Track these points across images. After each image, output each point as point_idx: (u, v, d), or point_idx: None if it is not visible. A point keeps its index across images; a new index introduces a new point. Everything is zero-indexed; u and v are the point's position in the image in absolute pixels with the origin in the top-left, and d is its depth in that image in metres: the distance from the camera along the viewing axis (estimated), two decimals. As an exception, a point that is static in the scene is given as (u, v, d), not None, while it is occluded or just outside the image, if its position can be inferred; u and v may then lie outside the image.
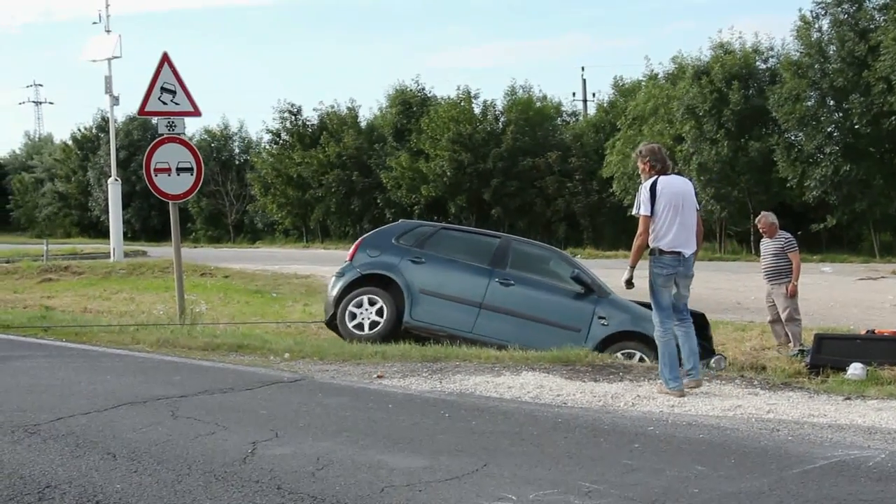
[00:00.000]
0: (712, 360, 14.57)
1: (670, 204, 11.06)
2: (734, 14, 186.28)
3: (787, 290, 14.49)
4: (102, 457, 8.63)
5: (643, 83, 54.03)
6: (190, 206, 67.04)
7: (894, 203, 41.53)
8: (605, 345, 14.71)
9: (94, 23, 42.72)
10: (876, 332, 13.47)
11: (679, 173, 12.35)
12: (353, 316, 15.35)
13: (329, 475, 7.82)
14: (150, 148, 17.54)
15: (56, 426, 9.81)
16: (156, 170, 16.92)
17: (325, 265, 33.33)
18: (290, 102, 68.66)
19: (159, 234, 67.48)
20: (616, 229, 52.43)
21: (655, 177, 11.21)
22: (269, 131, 69.98)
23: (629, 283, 11.61)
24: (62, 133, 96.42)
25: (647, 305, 14.31)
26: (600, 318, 14.96)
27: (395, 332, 15.32)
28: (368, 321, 15.31)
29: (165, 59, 17.50)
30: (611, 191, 50.69)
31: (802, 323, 14.59)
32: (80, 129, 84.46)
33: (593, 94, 69.99)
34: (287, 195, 64.05)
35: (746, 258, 40.88)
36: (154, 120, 18.25)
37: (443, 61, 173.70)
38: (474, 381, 11.79)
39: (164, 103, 17.30)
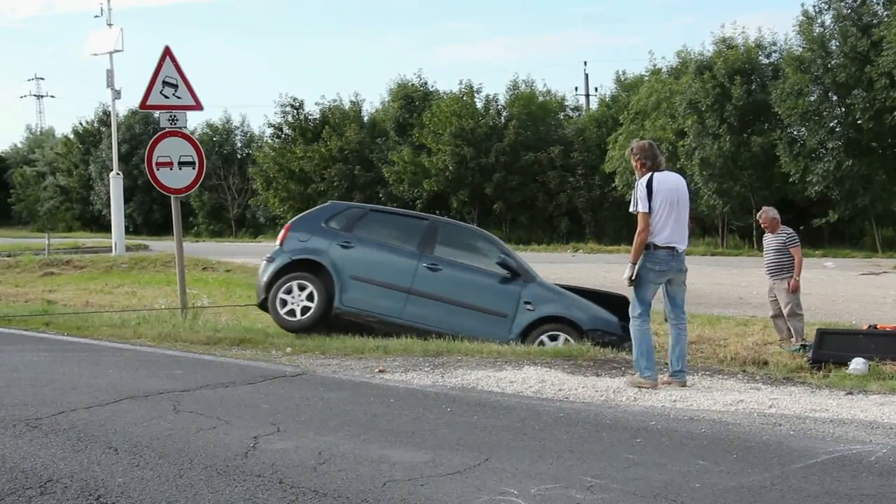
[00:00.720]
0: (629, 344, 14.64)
1: (666, 200, 11.12)
2: (737, 9, 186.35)
3: (789, 285, 14.49)
4: (104, 451, 8.63)
5: (646, 78, 54.09)
6: (192, 201, 67.17)
7: (896, 199, 41.47)
8: (530, 329, 14.82)
9: (96, 16, 42.89)
10: (878, 327, 13.48)
11: (671, 169, 12.35)
12: (284, 303, 15.32)
13: (331, 469, 7.82)
14: (151, 142, 17.56)
15: (58, 420, 9.81)
16: (158, 164, 16.93)
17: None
18: (292, 97, 68.83)
19: (161, 228, 67.56)
20: (618, 224, 52.41)
21: (650, 173, 11.25)
22: (270, 125, 70.17)
23: (631, 281, 11.38)
24: (64, 127, 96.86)
25: (573, 289, 15.12)
26: (526, 303, 14.95)
27: (327, 318, 15.34)
28: (300, 307, 15.26)
29: (167, 52, 17.52)
30: (613, 185, 50.72)
31: (804, 318, 14.58)
32: (81, 123, 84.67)
33: (595, 89, 70.24)
34: (289, 189, 64.08)
35: (748, 253, 40.92)
36: (156, 114, 18.25)
37: (445, 56, 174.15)
38: (476, 376, 11.79)
39: (166, 97, 17.31)
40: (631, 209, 11.41)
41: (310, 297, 15.15)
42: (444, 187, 57.26)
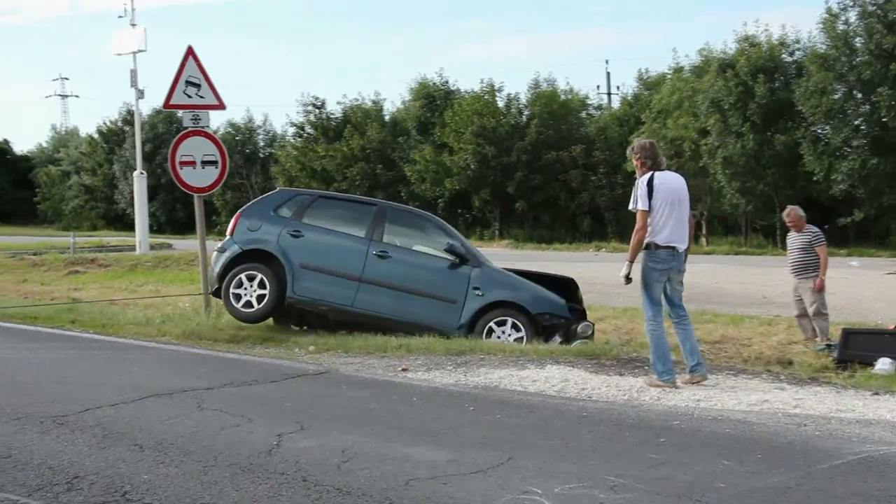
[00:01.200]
0: (580, 326, 14.82)
1: (666, 200, 11.20)
2: (760, 7, 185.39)
3: (814, 284, 14.44)
4: (129, 448, 8.67)
5: (668, 76, 53.96)
6: (215, 199, 67.07)
7: (923, 198, 41.22)
8: (480, 314, 14.83)
9: (120, 17, 42.96)
10: (904, 326, 13.41)
11: (684, 169, 12.44)
12: (238, 297, 15.21)
13: (354, 467, 7.83)
14: (175, 141, 17.61)
15: (83, 417, 9.85)
16: (181, 163, 16.98)
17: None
18: (314, 96, 68.79)
19: (184, 226, 67.57)
20: (639, 222, 52.26)
21: (650, 173, 11.36)
22: (292, 124, 70.18)
23: (628, 279, 11.49)
24: (88, 126, 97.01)
25: (522, 274, 15.24)
26: (475, 288, 14.96)
27: (279, 306, 15.35)
28: (255, 297, 15.12)
29: (190, 52, 17.56)
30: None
31: (829, 317, 14.52)
32: (105, 123, 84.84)
33: (618, 87, 70.10)
34: (311, 188, 64.06)
35: (773, 252, 40.79)
36: (179, 113, 18.29)
37: (466, 55, 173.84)
38: (499, 375, 11.78)
39: (189, 97, 17.35)
40: (630, 207, 11.55)
41: (262, 287, 15.07)
42: (465, 186, 57.18)
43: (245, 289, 15.12)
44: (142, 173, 23.70)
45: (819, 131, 43.05)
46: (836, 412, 9.73)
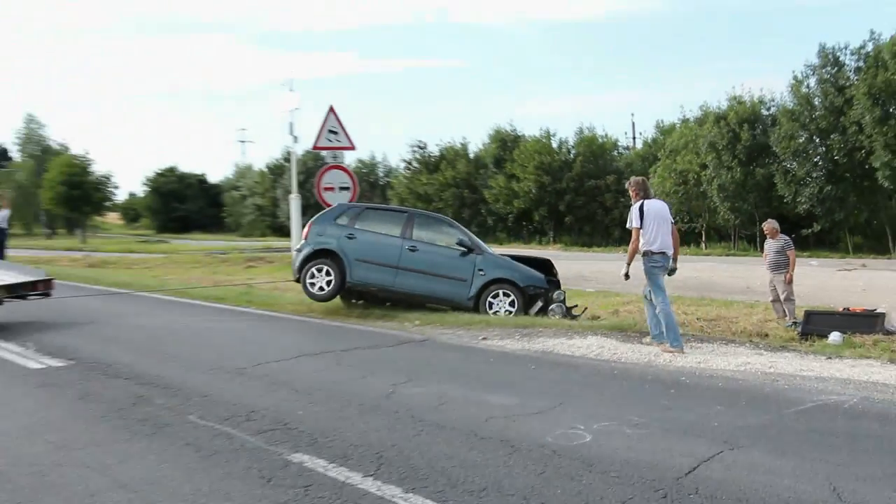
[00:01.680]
0: (555, 293, 14.95)
1: (655, 219, 11.37)
2: (745, 75, 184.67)
3: (785, 278, 14.29)
4: (288, 392, 8.77)
5: (677, 125, 53.58)
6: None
7: (864, 214, 40.97)
8: (483, 289, 14.87)
9: (283, 84, 43.47)
10: (850, 309, 13.24)
11: (657, 197, 12.49)
12: (313, 284, 15.30)
13: (448, 408, 7.87)
14: (319, 173, 17.79)
15: (255, 370, 9.98)
16: (324, 188, 17.15)
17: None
18: (419, 139, 69.63)
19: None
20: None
21: (642, 201, 11.52)
22: (403, 161, 70.55)
23: (627, 276, 11.83)
24: (259, 163, 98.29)
25: (512, 258, 15.39)
26: (479, 270, 14.99)
27: (342, 289, 15.42)
28: (324, 283, 15.23)
29: (331, 110, 17.74)
30: (653, 204, 50.44)
31: (795, 302, 14.34)
32: (272, 160, 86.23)
33: (640, 133, 69.78)
34: (416, 206, 64.42)
35: (754, 254, 40.25)
36: (323, 153, 18.44)
37: (529, 110, 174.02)
38: (553, 343, 11.74)
39: (330, 140, 17.54)
40: (627, 226, 11.73)
41: (328, 276, 15.23)
42: (528, 205, 57.11)
43: (317, 278, 15.29)
44: (297, 195, 23.74)
45: (788, 166, 42.54)
46: (799, 371, 9.62)
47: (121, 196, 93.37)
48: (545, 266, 15.68)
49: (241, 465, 6.34)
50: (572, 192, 54.64)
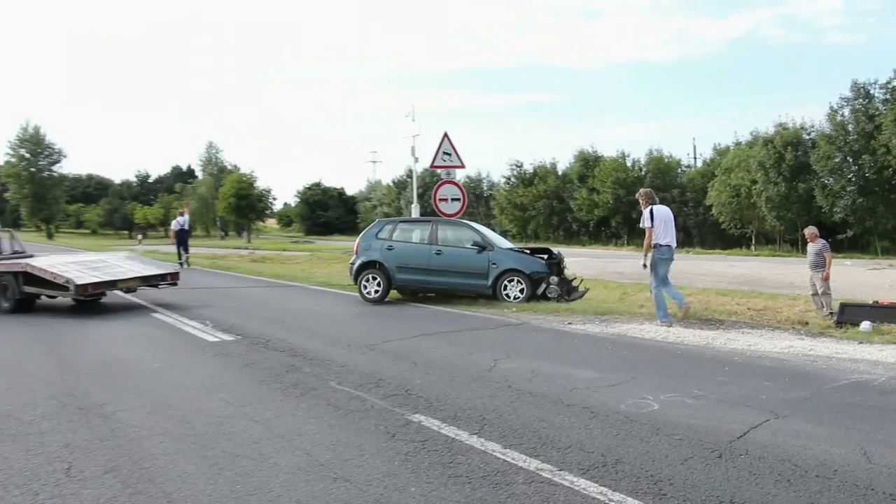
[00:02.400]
0: (552, 278, 14.79)
1: (662, 220, 12.07)
2: (789, 105, 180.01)
3: (822, 275, 13.84)
4: (409, 364, 8.84)
5: (731, 147, 52.43)
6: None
7: (891, 222, 39.81)
8: (498, 279, 14.80)
9: (406, 115, 43.86)
10: (879, 302, 12.75)
11: (663, 202, 12.78)
12: (366, 288, 15.61)
13: (539, 380, 7.83)
14: (436, 187, 17.87)
15: (382, 346, 10.08)
16: (439, 200, 17.24)
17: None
18: (516, 159, 69.51)
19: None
20: (713, 238, 50.85)
21: (650, 206, 12.18)
22: (503, 176, 70.46)
23: (645, 266, 12.23)
24: (387, 179, 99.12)
25: (519, 250, 15.35)
26: (493, 263, 14.89)
27: (389, 292, 15.63)
28: (374, 288, 15.52)
29: (445, 135, 17.83)
30: (710, 213, 49.26)
31: (832, 296, 13.87)
32: (397, 177, 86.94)
33: (700, 154, 68.85)
34: (514, 214, 64.14)
35: (796, 255, 39.14)
36: (439, 170, 18.52)
37: (607, 134, 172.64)
38: (627, 327, 11.59)
39: (444, 160, 17.63)
40: (640, 225, 12.42)
41: (376, 282, 15.53)
42: (606, 214, 56.50)
43: (370, 283, 15.60)
44: (416, 206, 23.88)
45: (826, 181, 41.40)
46: (835, 353, 9.31)
47: (278, 205, 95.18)
48: (548, 253, 15.54)
49: (371, 423, 6.43)
50: (643, 203, 54.01)
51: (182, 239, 28.13)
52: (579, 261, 29.32)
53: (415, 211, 20.95)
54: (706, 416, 6.40)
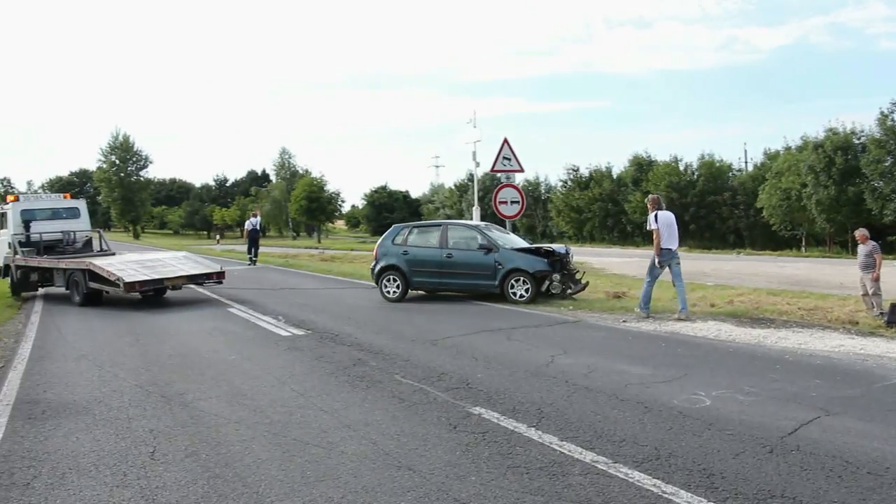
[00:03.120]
0: (554, 275, 14.80)
1: (666, 224, 12.58)
2: (839, 111, 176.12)
3: (872, 276, 13.45)
4: (469, 359, 8.84)
5: (781, 151, 51.32)
6: (517, 222, 67.62)
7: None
8: (505, 278, 14.75)
9: (468, 122, 43.95)
10: (931, 303, 12.38)
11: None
12: (387, 288, 15.78)
13: (595, 375, 7.77)
14: (496, 190, 17.84)
15: (444, 342, 10.10)
16: (499, 202, 17.21)
17: (592, 256, 32.92)
18: (572, 163, 68.78)
19: (500, 238, 68.49)
20: (764, 239, 49.80)
21: (656, 211, 12.70)
22: (560, 180, 69.93)
23: (661, 265, 12.58)
24: (449, 182, 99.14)
25: (522, 249, 15.23)
26: (498, 264, 14.85)
27: (407, 292, 15.73)
28: (394, 289, 15.69)
29: (505, 140, 17.79)
30: (762, 216, 48.26)
31: (882, 296, 13.47)
32: (458, 180, 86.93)
33: (751, 158, 67.32)
34: (570, 217, 63.62)
35: (846, 257, 38.07)
36: (499, 174, 18.48)
37: (661, 140, 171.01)
38: (679, 326, 11.40)
39: (504, 165, 17.58)
40: (647, 228, 12.86)
41: (396, 284, 15.71)
42: (660, 216, 56.06)
43: (389, 285, 15.78)
44: (477, 207, 23.80)
45: (876, 185, 40.30)
46: (886, 353, 9.03)
47: (346, 207, 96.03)
48: (546, 253, 15.29)
49: (433, 415, 6.44)
50: (695, 205, 53.02)
51: (254, 238, 28.96)
52: (633, 262, 28.96)
53: (475, 213, 20.94)
54: (757, 412, 6.27)
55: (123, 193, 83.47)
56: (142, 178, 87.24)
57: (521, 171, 18.22)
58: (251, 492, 4.81)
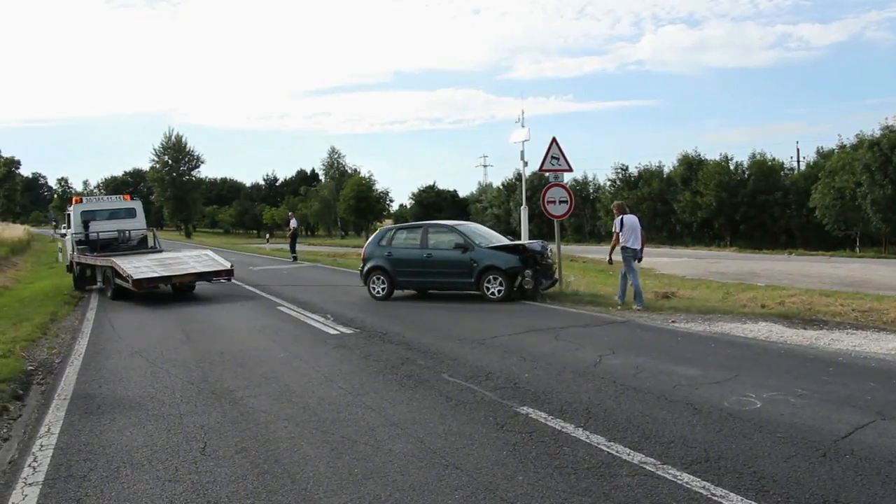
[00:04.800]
0: (526, 270, 14.91)
1: (630, 228, 14.00)
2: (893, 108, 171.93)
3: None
4: (517, 359, 8.82)
5: (835, 150, 50.28)
6: (566, 222, 67.07)
7: None
8: (480, 276, 15.11)
9: (516, 122, 43.81)
10: None
11: (633, 212, 14.09)
12: (374, 289, 16.24)
13: (643, 376, 7.69)
14: (544, 189, 17.67)
15: (492, 341, 10.08)
16: (548, 202, 17.05)
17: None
18: (621, 163, 68.20)
19: (546, 236, 68.03)
20: (816, 239, 48.85)
21: (621, 216, 14.27)
22: (609, 179, 69.22)
23: (610, 262, 14.40)
24: (497, 182, 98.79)
25: (496, 247, 15.54)
26: (474, 262, 15.22)
27: (393, 291, 16.18)
28: (380, 288, 16.16)
29: (554, 140, 17.64)
30: (815, 215, 47.32)
31: (941, 298, 13.15)
32: (506, 180, 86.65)
33: (803, 157, 66.06)
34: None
35: (903, 257, 37.42)
36: (547, 174, 18.38)
37: (710, 139, 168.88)
38: (729, 326, 11.24)
39: (552, 164, 17.43)
40: (612, 230, 14.60)
41: (382, 283, 16.17)
42: (709, 216, 54.83)
43: (376, 285, 16.24)
44: (525, 207, 23.62)
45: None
46: (946, 357, 8.81)
47: (394, 207, 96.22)
48: (520, 250, 15.51)
49: (480, 414, 6.44)
50: (746, 205, 52.18)
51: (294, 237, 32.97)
52: (682, 261, 28.65)
53: (523, 213, 20.85)
54: (810, 415, 6.15)
55: (176, 193, 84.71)
56: (193, 178, 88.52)
57: (570, 170, 18.04)
58: (299, 488, 4.86)
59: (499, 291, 14.92)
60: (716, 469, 4.95)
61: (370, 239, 17.40)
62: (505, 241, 16.57)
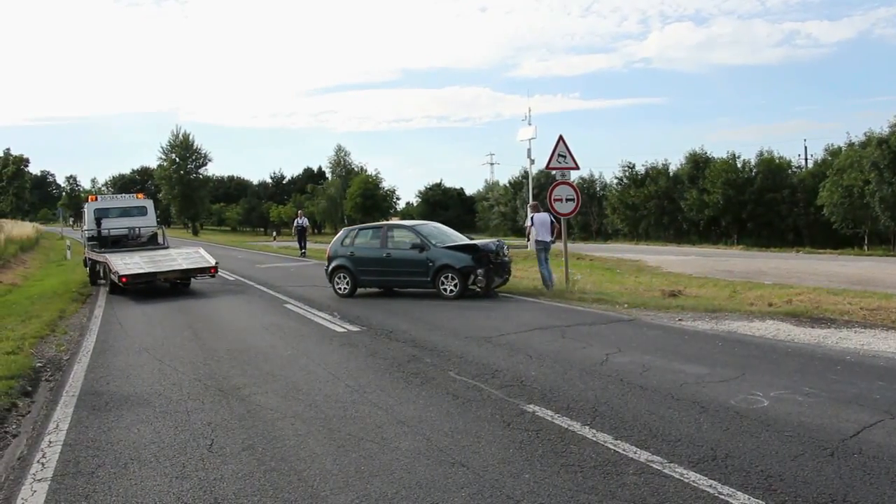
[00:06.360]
0: (479, 269, 15.24)
1: (540, 223, 16.39)
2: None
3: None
4: (524, 357, 8.81)
5: (843, 147, 50.11)
6: (572, 220, 66.96)
7: None
8: (436, 275, 15.49)
9: (523, 120, 43.77)
10: None
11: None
12: (339, 286, 16.62)
13: (650, 374, 7.68)
14: (551, 187, 17.65)
15: (499, 339, 10.08)
16: (555, 199, 17.04)
17: (647, 255, 32.62)
18: (628, 160, 68.11)
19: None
20: (824, 237, 48.66)
21: (533, 214, 16.64)
22: (616, 177, 69.16)
23: (527, 247, 16.39)
24: (504, 180, 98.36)
25: (452, 247, 15.80)
26: (430, 261, 15.59)
27: (356, 289, 16.56)
28: (343, 286, 16.53)
29: (560, 138, 17.60)
30: (822, 213, 47.17)
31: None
32: (513, 178, 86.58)
33: (811, 154, 65.88)
34: (626, 214, 62.92)
35: (911, 255, 37.30)
36: (554, 171, 18.35)
37: (717, 137, 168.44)
38: (737, 324, 11.22)
39: (559, 162, 17.41)
40: (524, 225, 16.62)
41: (346, 281, 16.56)
42: (716, 214, 54.70)
43: (340, 283, 16.64)
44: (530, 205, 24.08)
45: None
46: (954, 356, 8.77)
47: (401, 205, 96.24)
48: (473, 249, 15.71)
49: (487, 412, 6.44)
50: (753, 203, 52.06)
51: (301, 234, 34.98)
52: (689, 259, 28.61)
53: (530, 210, 20.78)
54: (817, 413, 6.14)
55: (183, 190, 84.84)
56: (201, 176, 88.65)
57: (577, 168, 18.02)
58: (306, 485, 4.87)
59: (453, 289, 15.25)
60: (723, 468, 4.94)
61: (334, 239, 17.93)
62: (464, 240, 16.82)
